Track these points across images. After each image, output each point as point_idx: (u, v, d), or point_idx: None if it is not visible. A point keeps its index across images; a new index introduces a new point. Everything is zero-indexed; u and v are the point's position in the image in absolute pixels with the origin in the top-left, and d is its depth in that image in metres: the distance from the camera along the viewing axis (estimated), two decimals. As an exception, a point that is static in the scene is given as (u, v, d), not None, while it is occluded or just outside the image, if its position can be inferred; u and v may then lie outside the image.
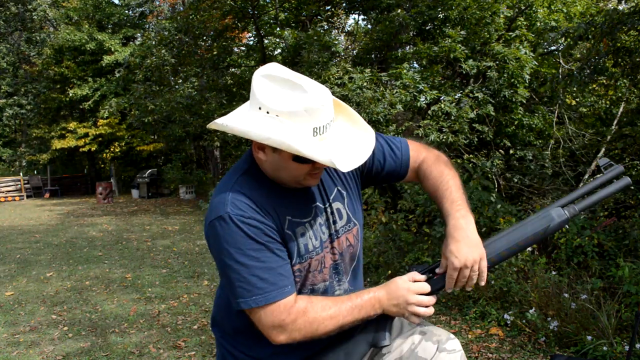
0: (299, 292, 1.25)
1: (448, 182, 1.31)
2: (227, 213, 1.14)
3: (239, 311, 1.20)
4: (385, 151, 1.37)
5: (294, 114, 1.10)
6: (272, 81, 1.13)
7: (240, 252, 1.14)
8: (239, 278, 1.15)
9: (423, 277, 1.25)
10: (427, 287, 1.22)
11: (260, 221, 1.16)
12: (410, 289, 1.21)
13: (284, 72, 1.14)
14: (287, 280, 1.18)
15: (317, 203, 1.31)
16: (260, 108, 1.13)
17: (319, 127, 1.12)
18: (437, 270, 1.26)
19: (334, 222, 1.32)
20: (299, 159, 1.15)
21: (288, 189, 1.26)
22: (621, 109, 5.61)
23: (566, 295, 3.13)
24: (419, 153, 1.41)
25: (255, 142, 1.18)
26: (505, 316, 3.30)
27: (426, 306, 1.21)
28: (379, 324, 1.25)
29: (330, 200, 1.33)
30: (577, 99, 6.68)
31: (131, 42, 17.86)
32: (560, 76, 5.20)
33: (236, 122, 1.15)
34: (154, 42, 11.06)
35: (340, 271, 1.34)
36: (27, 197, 17.55)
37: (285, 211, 1.23)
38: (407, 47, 8.07)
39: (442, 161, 1.39)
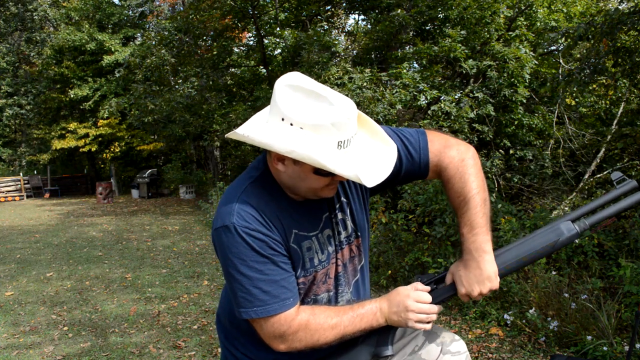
0: (302, 302, 1.25)
1: (468, 202, 1.23)
2: (232, 223, 1.13)
3: None
4: (401, 154, 1.28)
5: (320, 127, 1.07)
6: (296, 92, 1.10)
7: (243, 264, 1.14)
8: (241, 288, 1.15)
9: (427, 287, 1.25)
10: (427, 296, 1.22)
11: (265, 234, 1.15)
12: (410, 295, 1.20)
13: (308, 82, 1.11)
14: (290, 292, 1.17)
15: (324, 215, 1.29)
16: (283, 119, 1.10)
17: (344, 141, 1.10)
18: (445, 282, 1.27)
19: (339, 233, 1.31)
20: (320, 172, 1.13)
21: (296, 201, 1.24)
22: (621, 109, 5.60)
23: (566, 295, 3.13)
24: (441, 154, 1.28)
25: (274, 153, 1.15)
26: (505, 316, 3.30)
27: (427, 314, 1.20)
28: (382, 334, 1.24)
29: (335, 211, 1.31)
30: (577, 99, 6.68)
31: (131, 42, 17.87)
32: (560, 76, 5.19)
33: (258, 133, 1.12)
34: (154, 42, 11.07)
35: (343, 282, 1.33)
36: (27, 197, 17.55)
37: (292, 224, 1.21)
38: (407, 47, 8.07)
39: (466, 167, 1.26)
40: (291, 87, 1.11)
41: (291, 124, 1.09)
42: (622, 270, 3.06)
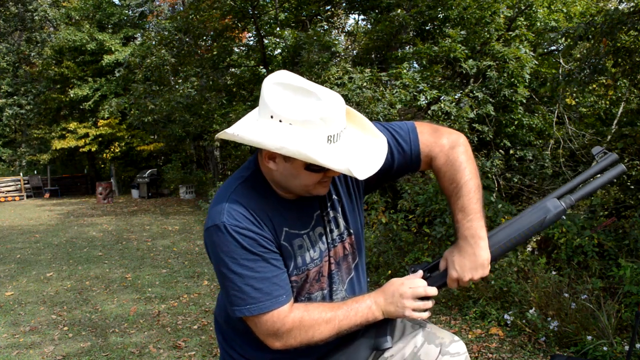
0: (295, 301, 1.24)
1: (462, 188, 1.23)
2: (222, 222, 1.14)
3: (241, 318, 1.20)
4: (392, 147, 1.28)
5: (309, 122, 1.07)
6: (284, 89, 1.10)
7: (234, 262, 1.14)
8: (234, 287, 1.15)
9: (419, 273, 1.25)
10: (422, 282, 1.22)
11: (255, 232, 1.15)
12: (404, 283, 1.21)
13: (296, 79, 1.11)
14: (282, 289, 1.17)
15: (315, 213, 1.29)
16: (272, 116, 1.10)
17: (333, 135, 1.10)
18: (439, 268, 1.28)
19: (331, 231, 1.31)
20: (312, 168, 1.13)
21: (287, 199, 1.24)
22: (621, 109, 5.61)
23: (566, 295, 3.13)
24: (432, 145, 1.28)
25: (265, 151, 1.15)
26: (505, 316, 3.30)
27: (422, 299, 1.20)
28: (380, 327, 1.24)
29: (327, 209, 1.31)
30: (577, 99, 6.68)
31: (131, 42, 17.87)
32: (560, 76, 5.19)
33: (247, 131, 1.12)
34: (154, 42, 11.07)
35: (337, 281, 1.32)
36: (27, 197, 17.55)
37: (282, 222, 1.21)
38: (407, 47, 8.07)
39: (457, 154, 1.26)
40: (279, 84, 1.11)
41: (280, 121, 1.09)
42: (622, 270, 3.06)
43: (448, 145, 1.27)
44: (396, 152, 1.28)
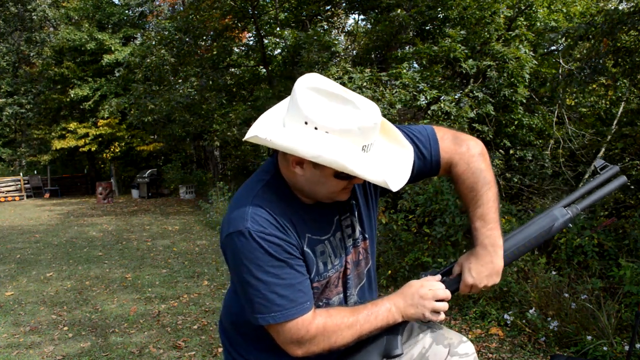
0: (315, 305, 1.23)
1: (482, 197, 1.24)
2: (247, 229, 1.10)
3: (248, 321, 1.18)
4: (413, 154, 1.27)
5: (347, 131, 1.05)
6: (319, 94, 1.06)
7: (259, 269, 1.11)
8: (258, 294, 1.12)
9: (437, 277, 1.26)
10: (440, 284, 1.22)
11: (281, 238, 1.12)
12: (424, 285, 1.21)
13: (330, 85, 1.08)
14: (307, 296, 1.15)
15: (335, 217, 1.28)
16: (306, 122, 1.06)
17: (367, 145, 1.09)
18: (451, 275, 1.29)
19: (348, 236, 1.30)
20: (340, 175, 1.11)
21: (308, 204, 1.22)
22: (621, 109, 5.60)
23: (566, 295, 3.13)
24: (452, 152, 1.28)
25: (292, 156, 1.11)
26: (505, 316, 3.30)
27: (442, 300, 1.20)
28: (391, 334, 1.23)
29: (346, 213, 1.30)
30: (577, 99, 6.68)
31: (131, 42, 17.86)
32: (560, 76, 5.19)
33: (280, 137, 1.07)
34: (154, 42, 11.07)
35: (351, 285, 1.32)
36: (27, 197, 17.54)
37: (304, 228, 1.20)
38: (407, 47, 8.07)
39: (477, 162, 1.27)
40: (314, 89, 1.07)
41: (316, 128, 1.06)
42: (622, 270, 3.06)
43: (468, 153, 1.27)
44: (416, 157, 1.27)
